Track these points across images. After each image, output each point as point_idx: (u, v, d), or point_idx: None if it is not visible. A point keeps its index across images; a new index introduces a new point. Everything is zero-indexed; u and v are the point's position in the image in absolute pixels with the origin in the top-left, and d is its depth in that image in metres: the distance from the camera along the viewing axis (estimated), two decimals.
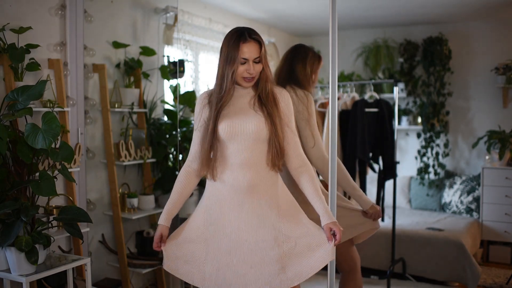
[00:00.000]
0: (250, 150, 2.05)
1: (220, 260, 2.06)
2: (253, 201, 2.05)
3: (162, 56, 3.90)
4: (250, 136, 2.04)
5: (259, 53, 2.03)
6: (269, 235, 2.03)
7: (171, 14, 3.93)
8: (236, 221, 2.05)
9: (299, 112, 2.48)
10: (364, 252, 4.43)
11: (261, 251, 2.03)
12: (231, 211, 2.06)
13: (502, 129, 5.00)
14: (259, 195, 2.05)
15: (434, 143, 5.38)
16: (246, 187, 2.04)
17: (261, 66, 2.05)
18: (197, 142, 2.14)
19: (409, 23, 5.50)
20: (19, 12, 2.79)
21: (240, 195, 2.05)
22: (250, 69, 2.03)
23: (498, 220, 4.81)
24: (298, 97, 2.51)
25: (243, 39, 2.01)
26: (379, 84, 5.53)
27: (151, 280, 3.81)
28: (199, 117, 2.13)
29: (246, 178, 2.04)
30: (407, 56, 5.49)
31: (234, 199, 2.06)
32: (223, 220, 2.07)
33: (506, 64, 5.05)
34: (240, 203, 2.05)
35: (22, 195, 2.44)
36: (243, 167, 2.04)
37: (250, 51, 2.01)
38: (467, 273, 4.06)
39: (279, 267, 2.01)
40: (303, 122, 2.48)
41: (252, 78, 2.07)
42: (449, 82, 5.40)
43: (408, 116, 5.57)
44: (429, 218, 4.96)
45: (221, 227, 2.07)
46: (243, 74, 2.05)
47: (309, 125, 2.49)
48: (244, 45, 2.01)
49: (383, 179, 4.21)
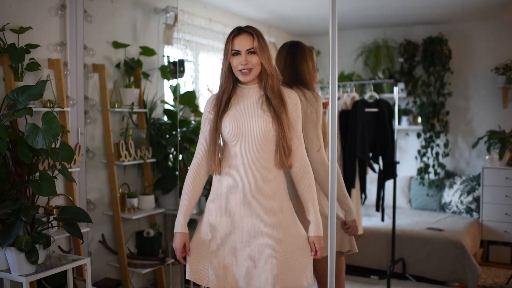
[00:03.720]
0: (256, 150, 2.05)
1: (225, 258, 2.08)
2: (258, 203, 2.05)
3: (162, 56, 3.90)
4: (257, 136, 2.04)
5: (251, 44, 2.04)
6: (268, 240, 2.03)
7: (171, 14, 3.93)
8: (240, 222, 2.06)
9: (307, 114, 2.40)
10: (364, 252, 4.43)
11: (260, 255, 2.04)
12: (236, 211, 2.06)
13: (502, 129, 5.00)
14: (264, 197, 2.05)
15: (434, 143, 5.38)
16: (251, 187, 2.04)
17: (256, 57, 2.05)
18: (203, 143, 2.13)
19: (409, 23, 5.50)
20: (19, 12, 2.79)
21: (245, 196, 2.05)
22: (242, 61, 2.04)
23: (498, 220, 4.81)
24: (307, 99, 2.43)
25: (236, 33, 2.07)
26: (379, 84, 5.54)
27: (151, 280, 3.82)
28: (207, 119, 2.14)
29: (252, 179, 2.04)
30: (407, 56, 5.49)
31: (239, 199, 2.06)
32: (227, 219, 2.08)
33: (506, 64, 5.05)
34: (244, 204, 2.05)
35: (22, 195, 2.44)
36: (249, 167, 2.04)
37: (241, 43, 2.04)
38: (467, 273, 4.06)
39: (273, 273, 2.01)
40: (310, 124, 2.41)
41: (249, 71, 2.06)
42: (449, 82, 5.40)
43: (408, 116, 5.57)
44: (429, 218, 4.96)
45: (227, 226, 2.08)
46: (238, 67, 2.06)
47: (316, 128, 2.41)
48: (236, 38, 2.06)
49: (383, 179, 4.21)
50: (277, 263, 2.02)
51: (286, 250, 2.04)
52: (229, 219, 2.07)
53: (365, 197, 4.23)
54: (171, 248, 3.89)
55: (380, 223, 4.49)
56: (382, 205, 4.25)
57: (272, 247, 2.02)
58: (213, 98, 2.15)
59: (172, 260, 3.62)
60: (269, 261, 2.02)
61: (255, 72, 2.07)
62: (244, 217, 2.06)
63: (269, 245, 2.02)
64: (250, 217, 2.05)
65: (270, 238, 2.03)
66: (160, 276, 3.67)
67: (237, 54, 2.06)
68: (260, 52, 2.05)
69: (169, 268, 3.71)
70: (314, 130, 2.41)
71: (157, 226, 3.64)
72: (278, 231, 2.04)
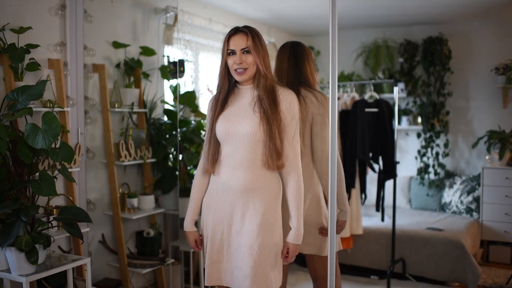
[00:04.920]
0: (245, 150, 2.06)
1: (213, 256, 2.15)
2: (245, 204, 2.08)
3: (162, 56, 3.89)
4: (245, 137, 2.05)
5: (246, 44, 2.04)
6: (248, 241, 2.06)
7: (171, 14, 3.93)
8: (227, 221, 2.11)
9: (320, 115, 2.38)
10: (364, 252, 4.43)
11: (241, 255, 2.08)
12: (224, 210, 2.12)
13: (502, 129, 5.00)
14: (251, 198, 2.08)
15: (434, 143, 5.38)
16: (239, 188, 2.07)
17: (251, 57, 2.05)
18: (206, 143, 2.19)
19: (409, 23, 5.50)
20: (19, 12, 2.79)
21: (232, 196, 2.09)
22: (237, 60, 2.05)
23: (498, 220, 4.81)
24: (319, 100, 2.41)
25: (232, 34, 2.09)
26: (379, 84, 5.53)
27: (151, 280, 3.82)
28: (208, 120, 2.20)
29: (240, 179, 2.07)
30: (407, 56, 5.49)
31: (226, 199, 2.11)
32: (218, 217, 2.14)
33: (506, 64, 5.05)
34: (232, 203, 2.10)
35: (22, 195, 2.44)
36: (237, 168, 2.07)
37: (236, 42, 2.06)
38: (467, 273, 4.06)
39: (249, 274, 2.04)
40: (323, 125, 2.39)
41: (244, 70, 2.07)
42: (449, 82, 5.40)
43: (408, 116, 5.57)
44: (429, 218, 4.96)
45: (216, 224, 2.14)
46: (233, 66, 2.07)
47: (327, 128, 2.37)
48: (231, 38, 2.08)
49: (383, 179, 4.21)
50: (249, 266, 2.04)
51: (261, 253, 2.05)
52: (219, 217, 2.13)
53: (365, 197, 4.23)
54: (171, 248, 3.90)
55: (380, 223, 4.49)
56: (382, 205, 4.25)
57: (247, 248, 2.06)
58: (212, 99, 2.21)
59: (172, 260, 3.62)
60: (244, 262, 2.06)
61: (250, 72, 2.08)
62: (232, 217, 2.11)
63: (247, 246, 2.06)
64: (236, 217, 2.10)
65: (248, 239, 2.06)
66: (160, 276, 3.67)
67: (233, 54, 2.07)
68: (255, 51, 2.05)
69: (169, 268, 3.71)
70: (325, 129, 2.39)
71: (157, 226, 3.64)
72: (256, 233, 2.05)
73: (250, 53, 2.05)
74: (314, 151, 2.42)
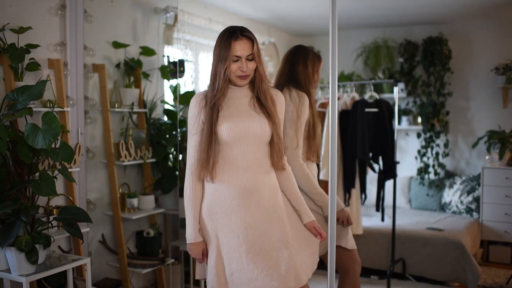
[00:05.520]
0: (254, 152, 2.05)
1: (232, 264, 2.03)
2: (259, 202, 2.04)
3: (162, 56, 3.89)
4: (255, 138, 2.04)
5: (251, 50, 2.02)
6: (277, 236, 2.05)
7: (171, 14, 3.93)
8: (243, 223, 2.02)
9: (287, 112, 2.48)
10: (364, 252, 4.43)
11: (274, 252, 2.03)
12: (236, 213, 2.02)
13: (502, 129, 5.00)
14: (264, 196, 2.06)
15: (434, 143, 5.38)
16: (251, 188, 2.03)
17: (254, 64, 2.05)
18: (197, 147, 2.05)
19: (409, 23, 5.50)
20: (19, 12, 2.79)
21: (244, 197, 2.03)
22: (243, 67, 2.02)
23: (498, 220, 4.81)
24: (291, 98, 2.51)
25: (235, 37, 2.01)
26: (379, 84, 5.53)
27: (151, 280, 3.82)
28: (197, 121, 2.05)
29: (251, 180, 2.03)
30: (407, 56, 5.49)
31: (239, 201, 2.02)
32: (230, 223, 2.03)
33: (506, 64, 5.04)
34: (245, 205, 2.02)
35: (22, 195, 2.44)
36: (247, 169, 2.04)
37: (242, 48, 2.01)
38: (467, 273, 4.06)
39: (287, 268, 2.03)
40: (290, 122, 2.48)
41: (247, 76, 2.06)
42: (449, 82, 5.40)
43: (408, 116, 5.57)
44: (429, 218, 4.96)
45: (229, 231, 2.03)
46: (237, 73, 2.04)
47: (296, 126, 2.48)
48: (236, 43, 2.00)
49: (383, 179, 4.21)
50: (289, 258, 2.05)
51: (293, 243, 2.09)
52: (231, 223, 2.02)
53: (365, 197, 4.23)
54: (171, 248, 3.90)
55: (380, 223, 4.49)
56: (382, 205, 4.25)
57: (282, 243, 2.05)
58: (201, 99, 2.07)
59: (172, 260, 3.62)
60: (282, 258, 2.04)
61: (251, 77, 2.08)
62: (246, 219, 2.02)
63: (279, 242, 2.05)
64: (250, 218, 2.03)
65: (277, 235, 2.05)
66: (160, 276, 3.67)
67: (237, 60, 2.02)
68: (258, 57, 2.06)
69: (169, 268, 3.71)
70: (292, 128, 2.48)
71: (157, 226, 3.64)
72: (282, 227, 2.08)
73: (253, 59, 2.04)
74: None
